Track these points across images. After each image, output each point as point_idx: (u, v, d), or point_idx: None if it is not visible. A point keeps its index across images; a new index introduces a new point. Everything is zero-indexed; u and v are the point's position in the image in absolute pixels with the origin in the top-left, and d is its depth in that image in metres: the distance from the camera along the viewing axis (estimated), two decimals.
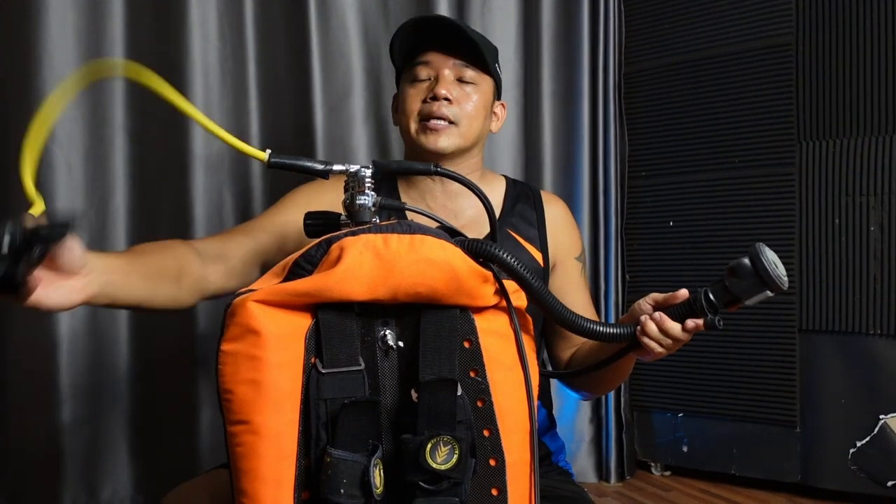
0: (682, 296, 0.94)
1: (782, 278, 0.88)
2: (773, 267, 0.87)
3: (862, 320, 1.88)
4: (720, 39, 2.06)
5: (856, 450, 1.89)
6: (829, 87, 1.92)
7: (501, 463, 0.82)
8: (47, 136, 0.81)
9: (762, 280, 0.88)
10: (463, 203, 1.24)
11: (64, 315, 1.70)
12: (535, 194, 1.32)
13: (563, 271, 1.29)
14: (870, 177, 1.87)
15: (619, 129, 2.23)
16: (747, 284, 0.89)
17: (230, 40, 1.85)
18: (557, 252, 1.29)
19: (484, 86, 1.25)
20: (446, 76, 1.21)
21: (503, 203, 1.28)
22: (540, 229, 1.28)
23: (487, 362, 0.83)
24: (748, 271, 0.88)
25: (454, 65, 1.22)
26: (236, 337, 0.77)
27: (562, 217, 1.32)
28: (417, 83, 1.23)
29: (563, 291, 1.29)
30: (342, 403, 0.76)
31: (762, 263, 0.87)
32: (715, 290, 0.91)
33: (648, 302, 0.97)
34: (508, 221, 1.26)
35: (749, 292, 0.89)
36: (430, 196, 1.24)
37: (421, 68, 1.22)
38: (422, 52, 1.23)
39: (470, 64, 1.23)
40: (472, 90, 1.22)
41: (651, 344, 0.94)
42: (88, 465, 1.75)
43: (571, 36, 2.20)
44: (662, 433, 2.20)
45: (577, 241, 1.33)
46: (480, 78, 1.24)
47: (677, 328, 0.92)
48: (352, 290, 0.77)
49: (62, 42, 1.70)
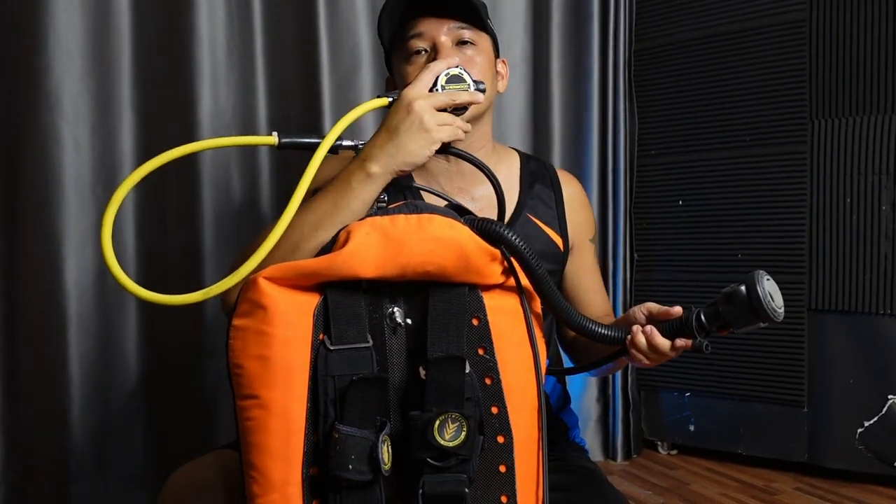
0: (675, 312, 0.93)
1: (777, 311, 0.86)
2: (769, 300, 0.85)
3: (872, 300, 1.87)
4: (732, 16, 2.03)
5: (863, 429, 1.89)
6: (842, 64, 1.89)
7: (509, 440, 0.83)
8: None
9: (755, 312, 0.85)
10: (479, 185, 1.17)
11: (73, 293, 1.71)
12: (552, 172, 1.27)
13: (578, 254, 1.27)
14: (882, 156, 1.85)
15: (629, 107, 2.22)
16: (740, 314, 0.87)
17: (237, 16, 1.84)
18: (575, 235, 1.25)
19: (484, 44, 1.17)
20: (444, 43, 1.12)
21: (520, 183, 1.23)
22: (559, 211, 1.24)
23: (496, 340, 0.84)
24: (742, 300, 0.86)
25: (449, 29, 1.13)
26: (246, 312, 0.78)
27: (578, 197, 1.28)
28: (414, 58, 1.13)
29: (577, 275, 1.27)
30: (350, 380, 0.76)
31: (757, 295, 0.85)
32: (707, 314, 0.89)
33: (643, 311, 0.96)
34: (528, 204, 1.21)
35: (740, 322, 0.87)
36: (444, 178, 1.17)
37: (414, 41, 1.13)
38: (412, 23, 1.14)
39: (465, 24, 1.14)
40: (474, 52, 1.14)
41: (638, 356, 0.94)
42: (97, 441, 1.76)
43: (581, 12, 2.18)
44: (669, 412, 2.20)
45: (591, 222, 1.31)
46: (479, 37, 1.15)
47: (666, 345, 0.92)
48: (360, 267, 0.78)
49: (69, 18, 1.69)
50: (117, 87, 1.74)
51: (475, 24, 1.15)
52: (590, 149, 2.19)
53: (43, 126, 1.67)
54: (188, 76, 1.78)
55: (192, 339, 1.83)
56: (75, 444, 1.73)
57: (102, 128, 1.74)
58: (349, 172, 0.92)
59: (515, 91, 2.12)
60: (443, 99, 0.94)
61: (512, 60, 2.12)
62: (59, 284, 1.69)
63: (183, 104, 1.79)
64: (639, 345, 0.93)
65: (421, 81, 0.95)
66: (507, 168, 1.24)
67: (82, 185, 1.72)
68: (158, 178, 1.78)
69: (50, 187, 1.69)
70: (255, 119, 1.86)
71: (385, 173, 0.91)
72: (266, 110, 1.87)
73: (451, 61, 1.00)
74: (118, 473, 1.78)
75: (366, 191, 0.91)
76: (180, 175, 1.80)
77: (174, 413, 1.82)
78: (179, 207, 1.82)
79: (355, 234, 0.79)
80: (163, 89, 1.78)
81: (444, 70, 0.97)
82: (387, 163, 0.91)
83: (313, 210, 0.92)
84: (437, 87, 0.95)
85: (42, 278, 1.69)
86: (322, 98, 1.89)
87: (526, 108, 2.13)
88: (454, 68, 0.97)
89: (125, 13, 1.74)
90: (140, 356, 1.80)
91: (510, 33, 2.12)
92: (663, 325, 0.93)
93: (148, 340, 1.80)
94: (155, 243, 1.80)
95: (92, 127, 1.73)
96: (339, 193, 0.91)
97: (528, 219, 1.20)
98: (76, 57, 1.70)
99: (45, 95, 1.67)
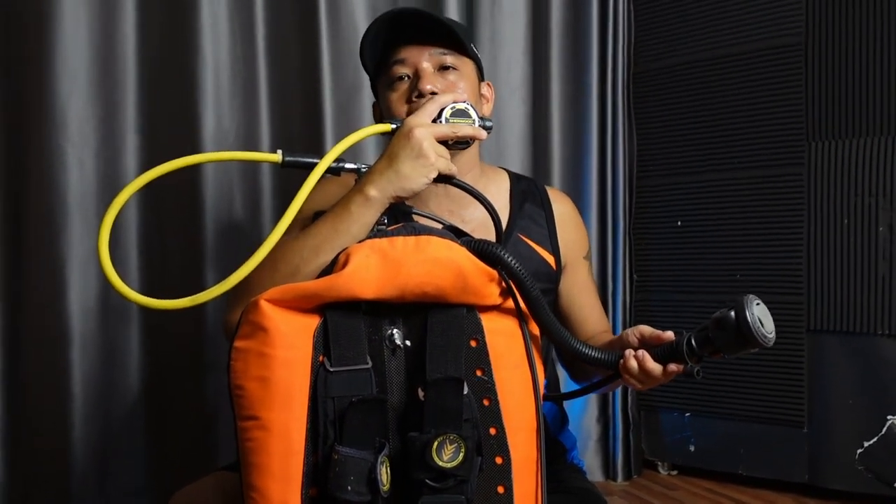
0: (667, 337, 0.93)
1: (767, 336, 0.85)
2: (758, 325, 0.84)
3: (870, 321, 1.87)
4: (729, 40, 2.06)
5: (863, 450, 1.89)
6: (838, 87, 1.91)
7: (507, 461, 0.83)
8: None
9: (745, 338, 0.84)
10: (469, 207, 1.18)
11: (76, 312, 1.72)
12: (542, 192, 1.28)
13: (572, 272, 1.27)
14: (878, 177, 1.86)
15: (628, 129, 2.24)
16: (729, 340, 0.86)
17: (241, 39, 1.87)
18: (567, 253, 1.26)
19: (466, 69, 1.17)
20: (426, 69, 1.13)
21: (510, 204, 1.24)
22: (550, 230, 1.25)
23: (494, 361, 0.84)
24: (731, 326, 0.85)
25: (430, 55, 1.14)
26: (247, 334, 0.79)
27: (570, 216, 1.29)
28: (397, 84, 1.14)
29: (572, 293, 1.28)
30: (350, 401, 0.77)
31: (746, 321, 0.83)
32: (698, 339, 0.89)
33: (636, 334, 0.96)
34: (518, 224, 1.22)
35: (731, 348, 0.87)
36: (434, 202, 1.18)
37: (397, 68, 1.14)
38: (394, 50, 1.15)
39: (447, 49, 1.15)
40: (456, 77, 1.15)
41: (630, 380, 0.95)
42: (98, 461, 1.76)
43: (580, 36, 2.20)
44: (669, 432, 2.20)
45: (584, 239, 1.32)
46: (461, 62, 1.16)
47: (657, 370, 0.92)
48: (359, 289, 0.79)
49: (75, 40, 1.71)
50: (122, 109, 1.77)
51: (457, 49, 1.16)
52: (589, 170, 2.21)
53: (49, 148, 1.70)
54: (192, 99, 1.80)
55: (193, 355, 1.84)
56: (77, 459, 1.73)
57: (107, 150, 1.76)
58: (349, 197, 0.94)
59: (515, 113, 2.14)
60: (444, 130, 0.96)
61: (511, 83, 2.15)
62: (62, 303, 1.71)
63: (187, 126, 1.81)
64: (630, 370, 0.93)
65: (425, 111, 0.97)
66: (497, 189, 1.24)
67: (86, 205, 1.73)
68: (160, 196, 1.81)
69: (54, 208, 1.70)
70: (258, 141, 1.88)
71: (383, 198, 0.92)
72: (269, 132, 1.90)
73: (458, 95, 1.02)
74: (120, 489, 1.78)
75: (365, 215, 0.92)
76: (182, 193, 1.82)
77: (176, 429, 1.83)
78: (181, 225, 1.83)
79: (355, 256, 0.80)
80: (167, 112, 1.80)
81: (450, 103, 0.98)
82: (385, 188, 0.92)
83: (313, 234, 0.93)
84: (441, 118, 0.97)
85: (45, 297, 1.71)
86: (324, 120, 1.91)
87: (526, 131, 2.15)
88: (461, 103, 0.99)
89: (130, 37, 1.77)
90: (142, 373, 1.81)
91: (510, 57, 2.14)
92: (655, 350, 0.93)
93: (150, 358, 1.81)
94: (156, 261, 1.81)
95: (97, 149, 1.75)
96: (339, 218, 0.93)
97: (519, 239, 1.21)
98: (82, 80, 1.73)
99: (52, 118, 1.69)
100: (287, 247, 0.93)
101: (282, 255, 0.92)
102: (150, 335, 1.81)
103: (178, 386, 1.83)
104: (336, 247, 0.89)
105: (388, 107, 1.16)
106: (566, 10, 2.19)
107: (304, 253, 0.92)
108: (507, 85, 2.13)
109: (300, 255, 0.92)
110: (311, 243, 0.93)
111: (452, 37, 1.14)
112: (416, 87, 1.12)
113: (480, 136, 1.00)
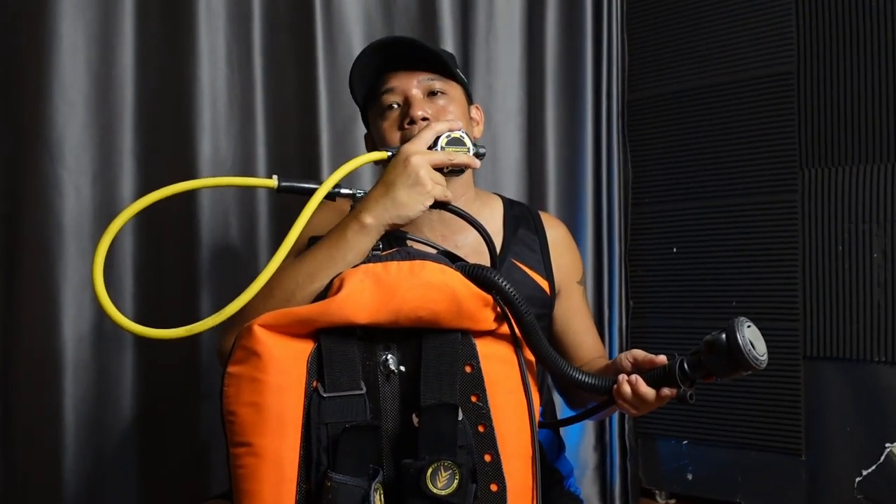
0: (660, 361, 0.93)
1: (759, 358, 0.84)
2: (749, 348, 0.84)
3: (867, 347, 1.87)
4: (722, 68, 2.08)
5: (862, 478, 1.87)
6: (830, 115, 1.93)
7: (503, 488, 0.83)
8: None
9: (737, 361, 0.84)
10: (462, 232, 1.19)
11: (69, 340, 1.70)
12: (535, 217, 1.29)
13: (566, 296, 1.28)
14: (872, 204, 1.87)
15: (623, 156, 2.25)
16: (721, 362, 0.86)
17: (238, 68, 1.88)
18: (561, 278, 1.26)
19: (455, 93, 1.19)
20: (415, 95, 1.15)
21: (503, 229, 1.25)
22: (543, 255, 1.25)
23: (489, 387, 0.84)
24: (723, 349, 0.85)
25: (419, 81, 1.16)
26: (241, 359, 0.79)
27: (563, 241, 1.30)
28: (388, 113, 1.16)
29: (566, 317, 1.28)
30: (343, 427, 0.77)
31: (738, 344, 0.84)
32: (690, 363, 0.89)
33: (629, 359, 0.97)
34: (511, 250, 1.23)
35: (723, 371, 0.87)
36: (427, 227, 1.19)
37: (387, 96, 1.17)
38: (383, 78, 1.18)
39: (434, 74, 1.17)
40: (446, 101, 1.17)
41: (624, 406, 0.95)
42: (90, 489, 1.74)
43: (575, 64, 2.22)
44: (667, 460, 2.18)
45: (578, 264, 1.32)
46: (449, 86, 1.18)
47: (651, 394, 0.92)
48: (353, 313, 0.79)
49: (73, 69, 1.72)
50: (119, 137, 1.77)
51: (444, 75, 1.18)
52: (584, 197, 2.21)
53: (45, 175, 1.70)
54: (189, 127, 1.81)
55: (188, 384, 1.82)
56: (69, 488, 1.71)
57: (103, 177, 1.76)
58: (345, 224, 0.94)
59: (510, 140, 2.16)
60: (440, 157, 0.96)
61: (507, 110, 2.16)
62: (56, 330, 1.69)
63: (183, 154, 1.81)
64: (624, 395, 0.93)
65: (421, 139, 0.98)
66: (490, 214, 1.25)
67: (82, 233, 1.73)
68: (156, 222, 1.81)
69: (50, 234, 1.70)
70: (255, 169, 1.88)
71: (379, 225, 0.93)
72: (265, 160, 1.90)
73: (454, 124, 1.03)
74: None
75: (361, 242, 0.92)
76: (178, 219, 1.82)
77: (169, 458, 1.81)
78: (177, 251, 1.83)
79: (349, 281, 0.80)
80: (164, 138, 1.81)
81: (445, 131, 0.99)
82: (381, 215, 0.92)
83: (309, 261, 0.94)
84: (437, 146, 0.98)
85: (39, 324, 1.70)
86: (321, 148, 1.91)
87: (521, 157, 2.16)
88: (457, 131, 1.00)
89: (128, 64, 1.78)
90: (135, 401, 1.79)
91: (505, 84, 2.16)
92: (648, 374, 0.93)
93: (143, 386, 1.79)
94: (151, 286, 1.80)
95: (93, 176, 1.75)
96: (335, 245, 0.93)
97: (513, 264, 1.21)
98: (79, 107, 1.73)
99: (48, 146, 1.70)
100: (283, 273, 0.93)
101: (277, 281, 0.92)
102: (144, 363, 1.79)
103: (172, 414, 1.81)
104: (331, 273, 0.89)
105: (381, 135, 1.17)
106: (561, 38, 2.21)
107: (300, 279, 0.92)
108: (502, 112, 2.14)
109: (295, 282, 0.92)
110: (306, 270, 0.93)
111: (439, 62, 1.16)
112: (408, 113, 1.14)
113: (474, 165, 1.01)
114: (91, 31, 1.75)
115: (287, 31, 1.93)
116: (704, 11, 2.12)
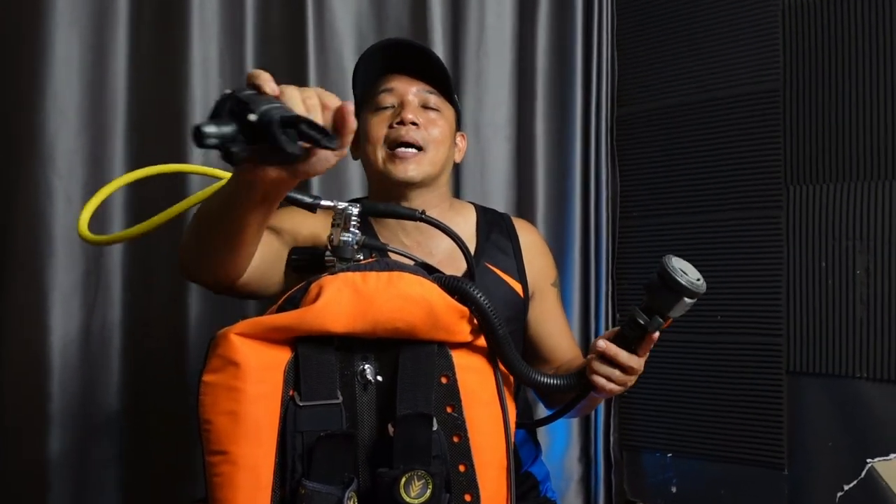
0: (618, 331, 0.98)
1: (695, 282, 0.90)
2: (682, 274, 0.89)
3: (849, 363, 1.89)
4: (709, 85, 2.10)
5: (843, 493, 1.88)
6: (816, 132, 1.95)
7: (476, 498, 0.84)
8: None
9: (675, 291, 0.90)
10: (436, 239, 1.22)
11: (56, 343, 1.71)
12: (507, 222, 1.32)
13: (540, 299, 1.30)
14: (856, 221, 1.89)
15: (611, 170, 2.27)
16: (664, 298, 0.92)
17: (231, 75, 1.89)
18: (535, 280, 1.29)
19: (448, 113, 1.23)
20: (411, 101, 1.18)
21: (476, 235, 1.28)
22: (517, 258, 1.28)
23: (464, 398, 0.86)
24: (658, 285, 0.91)
25: (418, 90, 1.20)
26: (217, 368, 0.80)
27: (536, 244, 1.33)
28: (381, 111, 1.20)
29: (541, 319, 1.30)
30: (318, 436, 0.78)
31: (670, 275, 0.89)
32: (643, 309, 0.94)
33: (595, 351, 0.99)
34: (486, 253, 1.25)
35: (669, 304, 0.92)
36: (403, 233, 1.22)
37: (384, 96, 1.20)
38: (384, 79, 1.21)
39: (434, 90, 1.21)
40: (437, 116, 1.20)
41: (601, 381, 0.97)
42: (76, 494, 1.74)
43: (564, 79, 2.24)
44: (652, 473, 2.19)
45: (551, 267, 1.35)
46: (444, 105, 1.22)
47: (624, 354, 0.95)
48: (330, 323, 0.80)
49: (67, 79, 1.74)
50: (111, 145, 1.78)
51: (442, 92, 1.22)
52: (573, 210, 2.23)
53: (35, 181, 1.71)
54: (181, 136, 1.82)
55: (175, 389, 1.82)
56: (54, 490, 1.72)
57: (94, 183, 1.77)
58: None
59: (500, 153, 2.17)
60: None
61: (496, 124, 2.18)
62: (44, 335, 1.70)
63: (175, 161, 1.82)
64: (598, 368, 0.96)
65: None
66: (464, 220, 1.29)
67: (72, 238, 1.74)
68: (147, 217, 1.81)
69: (40, 239, 1.71)
70: None
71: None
72: None
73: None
74: None
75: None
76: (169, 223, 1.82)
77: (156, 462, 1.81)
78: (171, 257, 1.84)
79: (327, 290, 0.81)
80: (156, 147, 1.82)
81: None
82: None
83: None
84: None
85: (28, 329, 1.71)
86: None
87: (510, 170, 2.18)
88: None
89: (121, 73, 1.79)
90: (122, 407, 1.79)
91: (495, 98, 2.18)
92: (614, 339, 0.97)
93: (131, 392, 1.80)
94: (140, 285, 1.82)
95: (84, 182, 1.76)
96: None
97: (486, 268, 1.24)
98: (71, 114, 1.74)
99: (40, 152, 1.71)
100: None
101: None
102: (131, 366, 1.80)
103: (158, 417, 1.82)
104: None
105: (368, 128, 1.20)
106: (551, 53, 2.23)
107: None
108: (491, 125, 2.16)
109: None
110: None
111: (442, 78, 1.20)
112: (399, 114, 1.17)
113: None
114: (85, 39, 1.77)
115: (279, 42, 1.95)
116: (693, 29, 2.14)
